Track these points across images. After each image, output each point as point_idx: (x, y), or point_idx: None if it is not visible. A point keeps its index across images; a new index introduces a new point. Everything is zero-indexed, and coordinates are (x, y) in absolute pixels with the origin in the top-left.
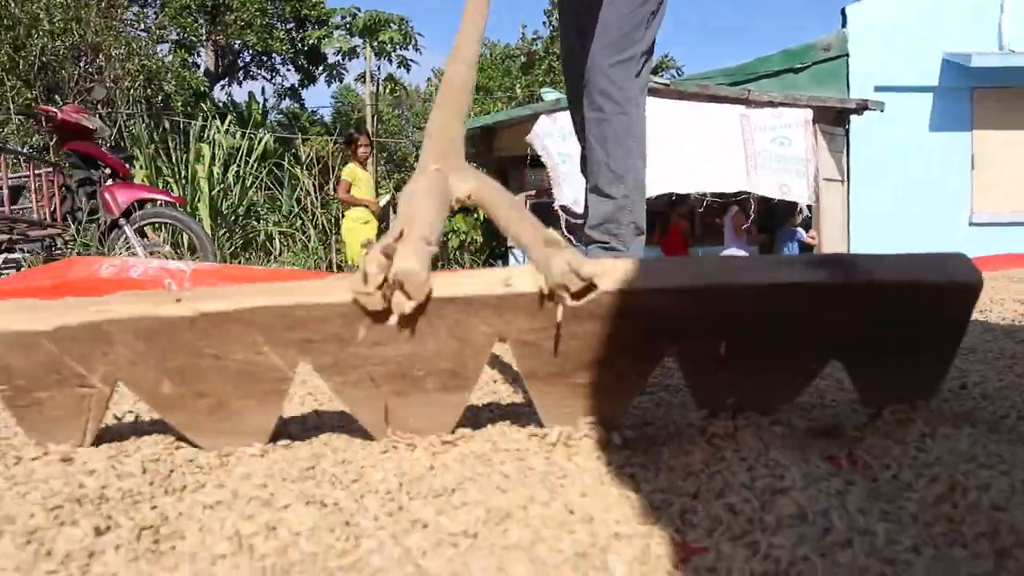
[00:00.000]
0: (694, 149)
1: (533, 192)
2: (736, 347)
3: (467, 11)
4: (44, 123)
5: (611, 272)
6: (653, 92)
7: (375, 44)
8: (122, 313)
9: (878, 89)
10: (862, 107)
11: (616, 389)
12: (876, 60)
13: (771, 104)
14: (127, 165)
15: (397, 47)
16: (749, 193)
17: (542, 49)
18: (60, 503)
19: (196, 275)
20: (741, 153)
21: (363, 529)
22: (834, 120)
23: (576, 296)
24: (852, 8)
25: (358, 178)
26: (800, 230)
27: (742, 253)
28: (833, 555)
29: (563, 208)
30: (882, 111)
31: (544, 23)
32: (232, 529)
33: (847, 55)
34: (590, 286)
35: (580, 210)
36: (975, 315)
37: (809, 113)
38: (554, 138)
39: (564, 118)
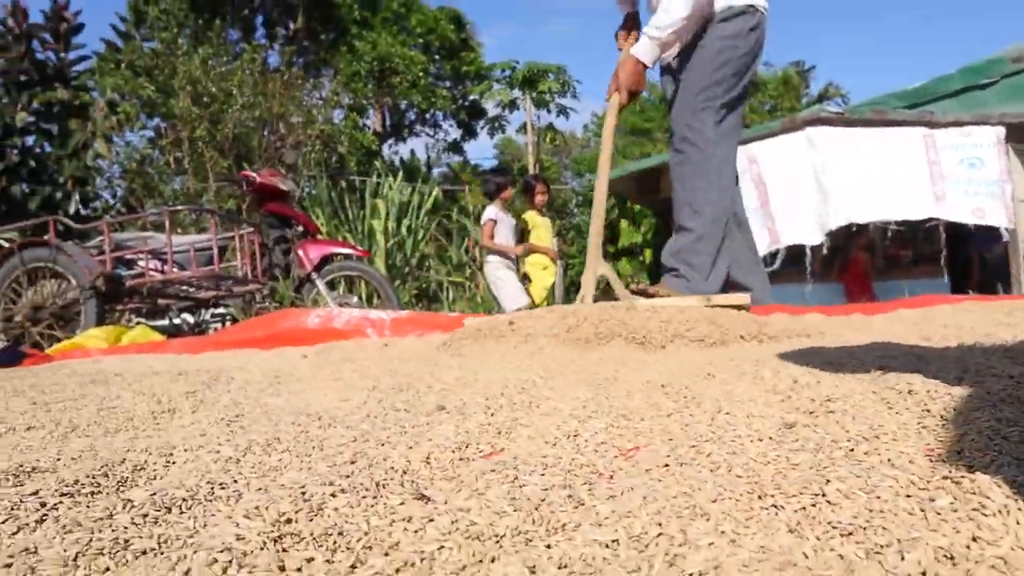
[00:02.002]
0: (873, 174)
1: None
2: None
3: (605, 141)
4: (244, 187)
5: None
6: (825, 121)
7: (534, 95)
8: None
9: None
10: None
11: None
12: None
13: (957, 124)
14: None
15: (556, 96)
16: (938, 220)
17: None
18: (465, 541)
19: (394, 323)
20: (926, 176)
21: None
22: None
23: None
24: None
25: (537, 224)
26: None
27: None
28: None
29: None
30: None
31: None
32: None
33: None
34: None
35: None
36: None
37: (1001, 131)
38: None
39: None
